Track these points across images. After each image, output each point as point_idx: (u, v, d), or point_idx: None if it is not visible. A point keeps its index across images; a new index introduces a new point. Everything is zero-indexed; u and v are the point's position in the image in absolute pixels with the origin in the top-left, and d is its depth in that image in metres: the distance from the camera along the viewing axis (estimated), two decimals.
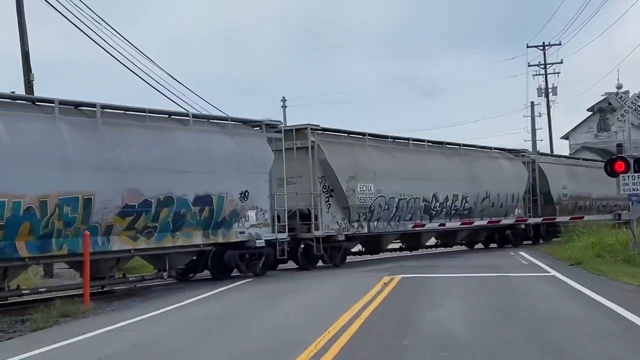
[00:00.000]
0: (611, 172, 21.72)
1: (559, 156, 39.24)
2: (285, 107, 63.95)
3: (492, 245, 33.55)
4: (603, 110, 53.72)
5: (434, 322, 11.28)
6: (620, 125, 24.27)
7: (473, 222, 29.86)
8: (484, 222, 30.63)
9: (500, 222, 31.75)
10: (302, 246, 22.69)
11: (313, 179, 22.77)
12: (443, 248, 31.50)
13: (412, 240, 28.91)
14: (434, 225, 27.90)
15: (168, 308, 14.15)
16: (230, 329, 11.51)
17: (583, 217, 35.15)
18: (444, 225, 28.32)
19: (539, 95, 58.20)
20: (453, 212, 28.69)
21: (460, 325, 10.86)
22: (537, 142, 59.33)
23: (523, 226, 33.78)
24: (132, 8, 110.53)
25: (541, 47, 57.28)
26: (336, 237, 23.40)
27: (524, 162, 34.37)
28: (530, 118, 60.08)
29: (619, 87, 25.15)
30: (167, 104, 26.61)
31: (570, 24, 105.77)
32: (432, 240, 31.12)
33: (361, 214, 24.21)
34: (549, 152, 52.29)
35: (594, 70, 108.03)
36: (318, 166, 23.02)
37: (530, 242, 34.15)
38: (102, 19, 24.22)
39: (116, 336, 11.20)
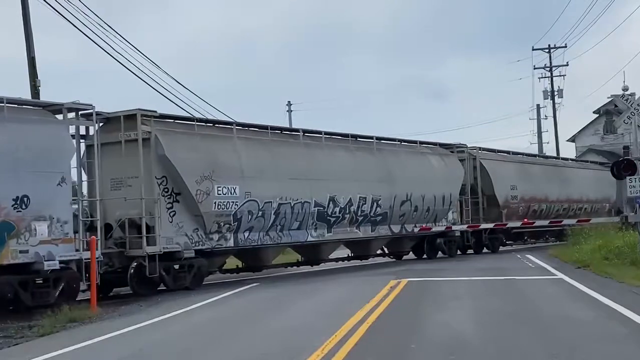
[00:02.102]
0: (618, 174, 21.71)
1: (508, 152, 34.99)
2: (291, 111, 64.00)
3: (424, 256, 28.87)
4: (609, 113, 53.59)
5: (442, 325, 11.26)
6: (627, 127, 24.28)
7: (392, 230, 25.91)
8: (398, 229, 26.11)
9: (422, 229, 27.26)
10: (134, 265, 17.65)
11: (146, 180, 17.94)
12: (358, 261, 27.05)
13: (312, 253, 24.11)
14: (337, 233, 23.48)
15: (174, 313, 14.16)
16: (237, 333, 11.51)
17: (534, 223, 32.30)
18: (346, 233, 23.99)
19: (545, 98, 58.18)
20: (360, 218, 24.20)
21: (468, 329, 10.84)
22: (544, 144, 59.33)
23: (458, 233, 29.22)
24: (137, 14, 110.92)
25: (547, 50, 57.21)
26: (181, 253, 18.41)
27: (461, 159, 30.14)
28: (536, 121, 60.11)
29: (625, 89, 25.14)
30: (172, 109, 26.59)
31: (576, 27, 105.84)
32: (341, 252, 26.76)
33: (223, 223, 19.45)
34: (555, 154, 52.27)
35: (600, 72, 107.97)
36: (156, 164, 18.24)
37: (472, 251, 30.38)
38: (109, 25, 24.20)
39: (123, 341, 11.22)
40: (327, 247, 24.26)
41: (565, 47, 57.07)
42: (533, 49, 57.43)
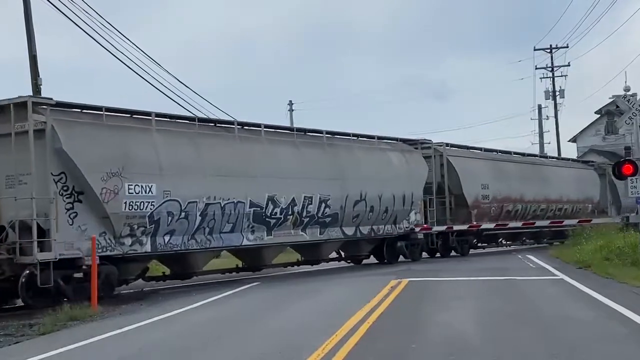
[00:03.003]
0: (619, 175, 21.71)
1: (481, 149, 32.53)
2: (292, 110, 63.99)
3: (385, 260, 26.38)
4: (611, 113, 53.52)
5: (442, 325, 11.26)
6: (628, 128, 24.22)
7: (345, 232, 23.61)
8: (351, 232, 23.89)
9: (383, 232, 25.20)
10: (26, 274, 15.33)
11: (40, 177, 15.74)
12: (309, 266, 24.43)
13: (252, 258, 21.70)
14: (279, 236, 21.21)
15: (174, 312, 14.16)
16: (237, 333, 11.51)
17: (507, 224, 30.69)
18: (290, 236, 21.73)
19: (547, 98, 58.19)
20: (306, 220, 21.90)
21: (468, 329, 10.83)
22: (545, 145, 59.29)
23: (421, 236, 26.99)
24: (139, 13, 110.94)
25: (548, 50, 57.20)
26: (83, 260, 15.98)
27: (427, 156, 28.08)
28: (537, 121, 60.09)
29: (627, 89, 25.10)
30: (174, 107, 26.58)
31: (578, 27, 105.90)
32: (284, 256, 24.29)
33: (137, 226, 17.22)
34: (556, 154, 52.22)
35: (602, 73, 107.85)
36: (52, 158, 16.03)
37: (439, 255, 28.52)
38: (109, 23, 24.15)
39: (123, 340, 11.22)
40: (269, 251, 21.73)
41: (567, 47, 57.08)
42: (535, 49, 57.46)
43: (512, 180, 31.99)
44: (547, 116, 59.29)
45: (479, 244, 31.79)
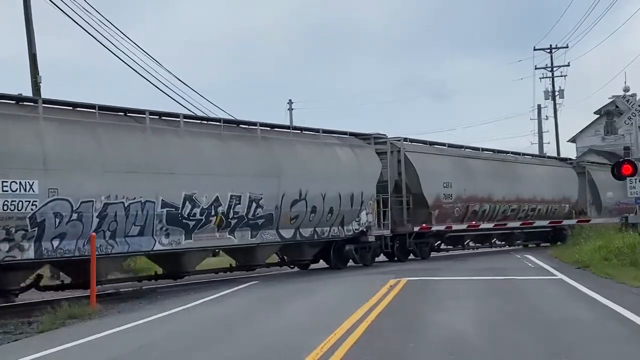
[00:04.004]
0: (618, 175, 21.73)
1: (444, 144, 30.15)
2: (292, 109, 63.95)
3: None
4: (610, 113, 53.58)
5: (441, 325, 11.26)
6: (628, 128, 24.29)
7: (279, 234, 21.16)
8: (289, 234, 21.45)
9: (328, 235, 22.87)
10: None
11: None
12: (245, 271, 22.24)
13: (172, 264, 19.39)
14: (200, 240, 18.85)
15: (173, 310, 14.16)
16: (235, 332, 11.50)
17: (479, 226, 29.02)
18: (215, 239, 19.42)
19: (546, 98, 58.18)
20: (234, 221, 19.54)
21: (467, 329, 10.83)
22: (545, 145, 59.26)
23: (372, 238, 24.70)
24: (138, 11, 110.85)
25: (548, 50, 57.19)
26: None
27: (381, 152, 25.89)
28: (537, 121, 60.08)
29: (626, 90, 25.16)
30: (174, 106, 26.54)
31: (578, 27, 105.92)
32: (218, 261, 22.96)
33: (14, 229, 14.90)
34: (556, 154, 52.18)
35: (602, 73, 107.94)
36: None
37: (396, 259, 26.26)
38: (110, 22, 24.07)
39: (123, 338, 11.22)
40: (191, 256, 19.37)
41: (567, 47, 57.07)
42: (534, 49, 57.44)
43: (480, 178, 29.79)
44: (546, 116, 59.33)
45: (442, 247, 30.12)
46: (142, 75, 25.55)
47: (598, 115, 58.77)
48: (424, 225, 26.72)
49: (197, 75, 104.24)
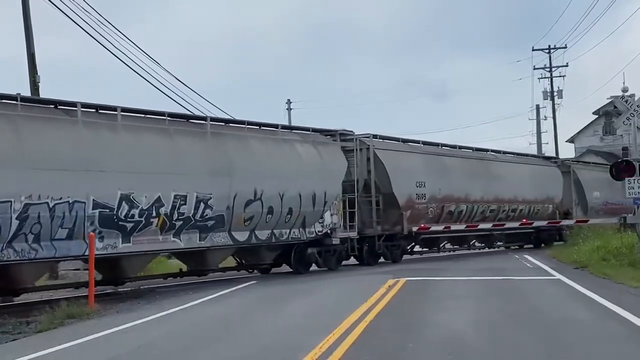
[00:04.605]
0: (617, 175, 21.75)
1: (418, 142, 28.68)
2: (290, 109, 63.94)
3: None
4: (609, 114, 53.64)
5: (440, 325, 11.26)
6: (626, 128, 24.28)
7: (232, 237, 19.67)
8: (244, 237, 20.00)
9: (287, 237, 21.36)
10: None
11: None
12: (196, 276, 20.58)
13: (111, 269, 17.94)
14: (141, 244, 17.32)
15: (172, 310, 14.14)
16: (234, 332, 11.50)
17: (450, 227, 27.54)
18: (158, 243, 17.87)
19: (545, 99, 58.16)
20: (179, 223, 18.07)
21: (466, 329, 10.83)
22: (543, 145, 59.29)
23: (337, 241, 23.19)
24: (138, 11, 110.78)
25: (547, 50, 57.21)
26: None
27: (349, 149, 24.48)
28: (535, 121, 60.11)
29: (625, 90, 25.17)
30: (173, 106, 26.50)
31: (576, 27, 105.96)
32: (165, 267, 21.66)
33: None
34: (554, 154, 52.18)
35: (600, 73, 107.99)
36: None
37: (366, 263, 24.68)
38: (109, 22, 24.04)
39: (121, 338, 11.21)
40: (132, 261, 17.97)
41: (565, 47, 57.05)
42: (533, 50, 57.42)
43: (456, 177, 28.35)
44: (545, 116, 59.32)
45: (415, 249, 28.31)
46: (141, 76, 25.48)
47: (597, 116, 58.81)
48: (422, 226, 26.33)
49: (196, 75, 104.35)
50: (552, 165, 36.71)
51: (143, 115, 18.54)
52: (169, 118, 18.78)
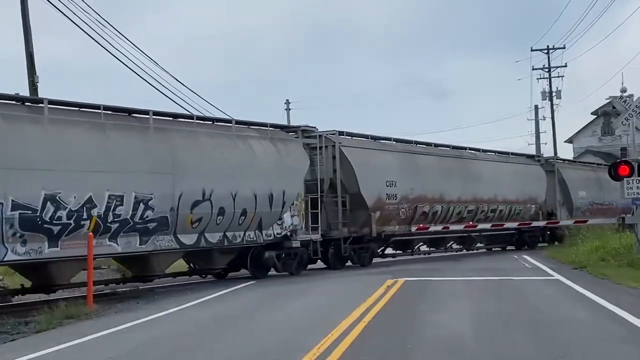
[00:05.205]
0: (615, 176, 21.77)
1: (389, 139, 27.15)
2: (289, 109, 63.92)
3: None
4: (607, 114, 53.70)
5: (439, 325, 11.26)
6: (625, 129, 24.27)
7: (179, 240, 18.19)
8: (191, 240, 18.53)
9: (242, 240, 19.90)
10: None
11: None
12: (141, 283, 18.98)
13: (41, 276, 16.49)
14: (70, 248, 15.65)
15: (171, 310, 14.14)
16: (232, 332, 11.50)
17: (428, 228, 26.39)
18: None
19: (543, 99, 58.19)
20: (115, 226, 16.54)
21: (465, 329, 10.84)
22: (542, 145, 59.31)
23: (298, 244, 21.71)
24: (136, 11, 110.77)
25: (545, 51, 57.25)
26: None
27: (313, 146, 23.06)
28: (534, 121, 60.15)
29: (623, 90, 25.16)
30: (172, 106, 26.44)
31: (575, 28, 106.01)
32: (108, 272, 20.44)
33: None
34: (552, 155, 52.18)
35: (599, 73, 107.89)
36: None
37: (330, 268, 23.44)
38: (108, 22, 23.94)
39: (120, 338, 11.21)
40: (61, 267, 16.27)
41: (564, 48, 57.06)
42: (532, 50, 57.44)
43: (430, 176, 26.95)
44: (543, 117, 59.33)
45: (386, 252, 26.90)
46: (140, 76, 25.46)
47: (595, 116, 58.86)
48: (422, 225, 26.22)
49: (196, 75, 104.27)
50: (535, 164, 35.21)
51: (76, 109, 16.96)
52: (104, 112, 17.07)
